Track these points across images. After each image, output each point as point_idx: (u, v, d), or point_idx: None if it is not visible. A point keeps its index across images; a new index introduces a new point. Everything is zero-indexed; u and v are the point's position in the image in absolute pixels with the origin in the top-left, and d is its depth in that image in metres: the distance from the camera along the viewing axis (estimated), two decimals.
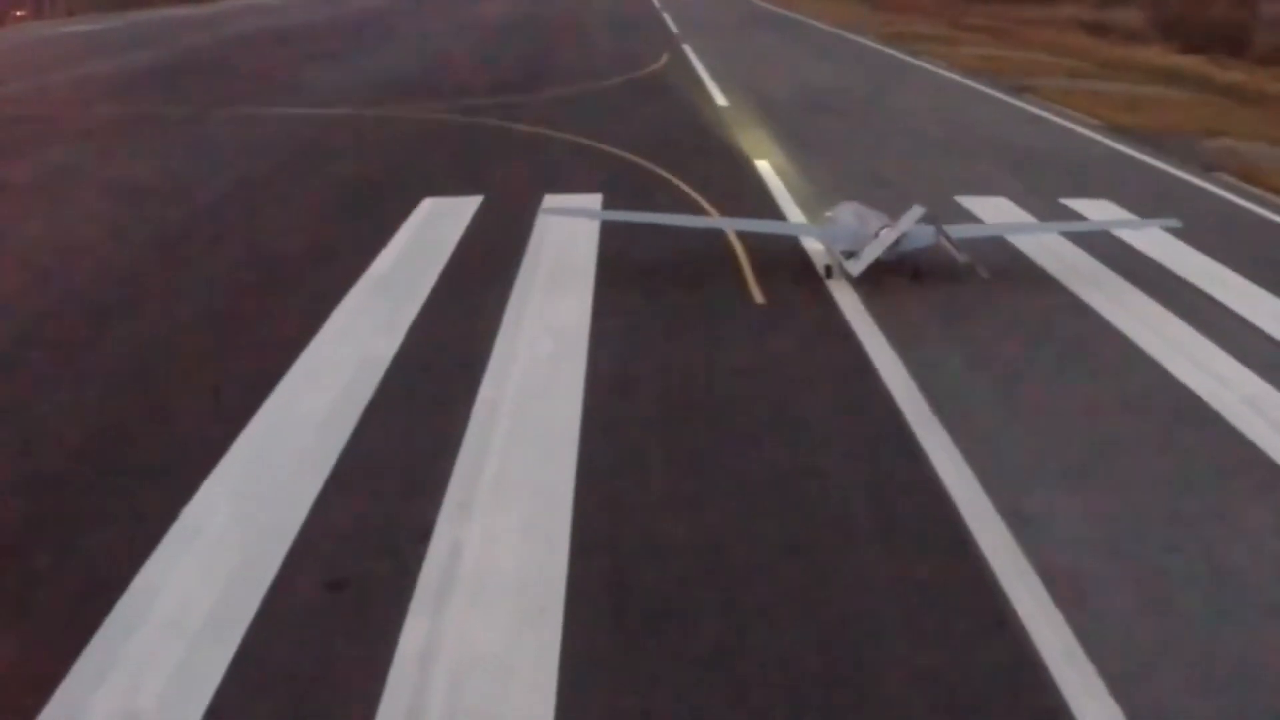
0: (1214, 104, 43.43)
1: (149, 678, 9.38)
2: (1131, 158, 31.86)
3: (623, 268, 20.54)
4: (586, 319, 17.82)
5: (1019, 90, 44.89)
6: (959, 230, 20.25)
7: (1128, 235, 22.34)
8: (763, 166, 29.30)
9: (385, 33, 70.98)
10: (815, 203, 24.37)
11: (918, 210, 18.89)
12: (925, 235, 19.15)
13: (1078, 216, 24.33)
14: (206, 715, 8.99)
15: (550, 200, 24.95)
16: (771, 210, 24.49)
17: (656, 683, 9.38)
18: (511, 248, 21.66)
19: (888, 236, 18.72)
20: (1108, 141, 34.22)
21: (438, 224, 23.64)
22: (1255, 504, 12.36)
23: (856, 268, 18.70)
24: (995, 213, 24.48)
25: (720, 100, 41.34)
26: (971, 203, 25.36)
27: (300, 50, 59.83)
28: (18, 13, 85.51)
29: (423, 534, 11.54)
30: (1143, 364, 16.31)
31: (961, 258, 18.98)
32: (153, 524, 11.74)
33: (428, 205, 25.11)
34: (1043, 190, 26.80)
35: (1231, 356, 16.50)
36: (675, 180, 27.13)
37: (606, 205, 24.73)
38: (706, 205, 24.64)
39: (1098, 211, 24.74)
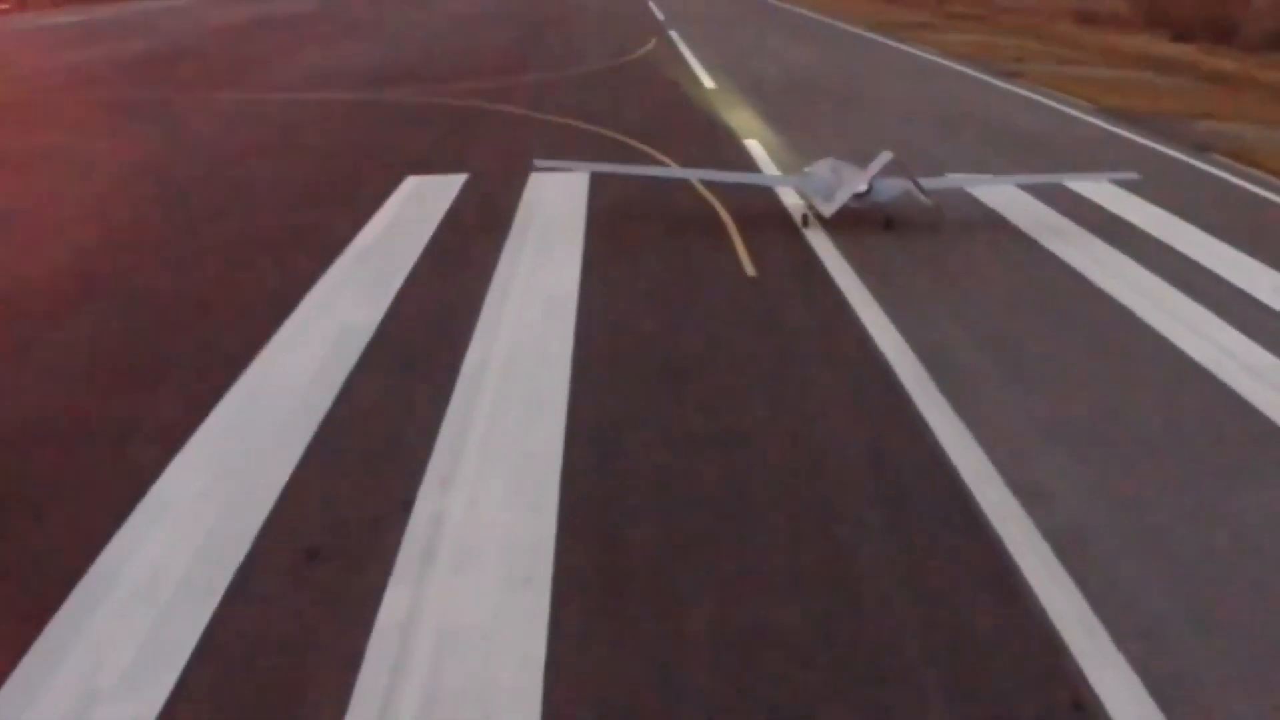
0: (1202, 90, 43.14)
1: (117, 650, 8.94)
2: (1124, 138, 31.53)
3: (612, 231, 20.58)
4: (575, 287, 17.55)
5: (1009, 75, 44.55)
6: (925, 182, 21.21)
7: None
8: (752, 146, 28.83)
9: (370, 23, 70.35)
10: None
11: (886, 156, 20.11)
12: (896, 187, 20.66)
13: (1075, 195, 23.99)
14: (176, 687, 8.56)
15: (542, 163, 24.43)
16: (761, 194, 23.91)
17: (647, 660, 9.00)
18: (497, 222, 21.23)
19: (856, 181, 20.10)
20: (1098, 122, 33.90)
21: (422, 200, 23.17)
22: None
23: (829, 209, 20.03)
24: (992, 194, 24.05)
25: (708, 83, 40.89)
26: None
27: (287, 36, 59.35)
28: (1, 5, 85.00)
29: (405, 503, 11.12)
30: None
31: (928, 201, 20.67)
32: (124, 493, 11.32)
33: (411, 183, 24.60)
34: (1040, 170, 26.37)
35: None
36: (665, 159, 26.67)
37: (597, 178, 24.25)
38: (697, 185, 24.18)
39: (1097, 190, 24.35)
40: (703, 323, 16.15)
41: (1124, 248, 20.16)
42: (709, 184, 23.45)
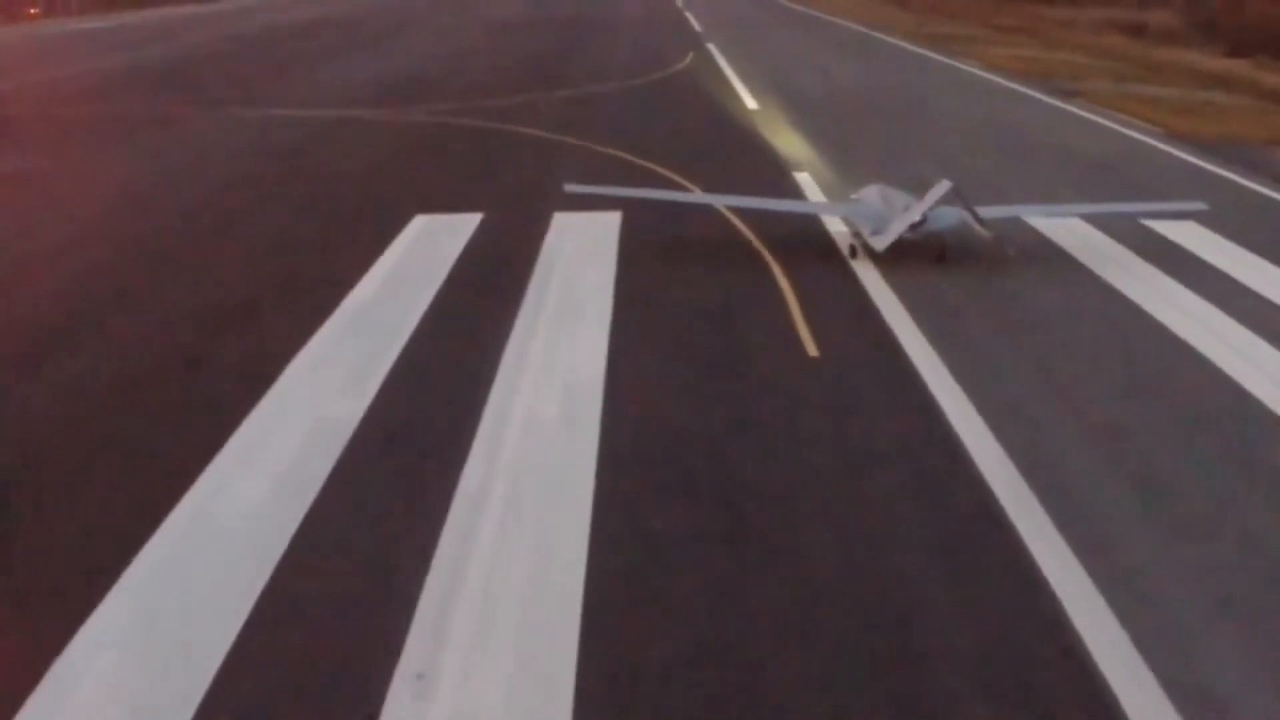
0: (1270, 112, 40.11)
1: None
2: (1199, 168, 28.62)
3: (647, 297, 17.64)
4: (600, 371, 14.70)
5: (1068, 94, 41.64)
6: (981, 211, 19.43)
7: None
8: (803, 180, 26.05)
9: (399, 28, 68.13)
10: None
11: (944, 185, 18.49)
12: (951, 216, 19.07)
13: (1157, 236, 21.43)
14: None
15: (573, 187, 22.19)
16: (815, 236, 21.17)
17: None
18: (513, 277, 18.52)
19: (912, 212, 18.50)
20: (1169, 149, 30.96)
21: (429, 246, 20.53)
22: None
23: (881, 243, 18.55)
24: (1070, 236, 21.33)
25: (750, 102, 38.14)
26: (1040, 224, 22.15)
27: (310, 47, 57.11)
28: (31, 9, 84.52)
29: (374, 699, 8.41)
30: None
31: (986, 234, 18.88)
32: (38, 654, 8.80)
33: (419, 224, 21.98)
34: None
35: None
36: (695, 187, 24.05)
37: (629, 225, 21.60)
38: (743, 228, 21.43)
39: (1184, 233, 21.58)
40: (758, 429, 13.12)
41: (1220, 300, 17.60)
42: (751, 212, 21.44)
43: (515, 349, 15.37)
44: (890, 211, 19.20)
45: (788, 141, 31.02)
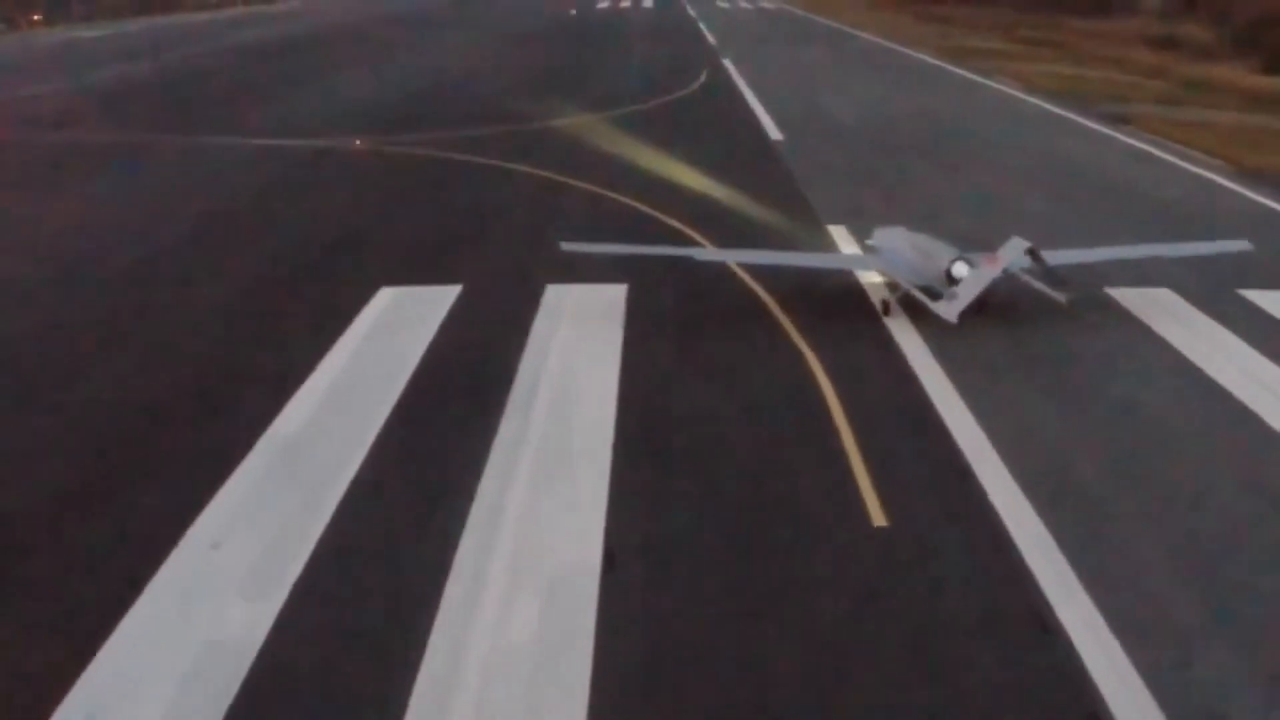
0: None
1: None
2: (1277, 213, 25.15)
3: (656, 434, 13.77)
4: (595, 560, 10.88)
5: (1116, 120, 38.08)
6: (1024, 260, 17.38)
7: None
8: (838, 234, 22.39)
9: (406, 44, 64.84)
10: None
11: (1020, 244, 16.76)
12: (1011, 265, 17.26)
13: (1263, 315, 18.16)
14: None
15: (569, 245, 18.72)
16: (867, 324, 17.64)
17: None
18: (488, 393, 14.81)
19: (988, 274, 16.51)
20: (1246, 192, 27.39)
21: (389, 337, 16.88)
22: None
23: (952, 310, 16.30)
24: (1160, 311, 17.99)
25: (773, 132, 34.50)
26: (1128, 297, 18.74)
27: (304, 63, 53.80)
28: (34, 16, 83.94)
29: None
30: None
31: (1060, 297, 17.00)
32: None
33: (384, 299, 18.48)
34: (1207, 272, 20.14)
35: None
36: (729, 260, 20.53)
37: (634, 302, 18.14)
38: (765, 296, 18.10)
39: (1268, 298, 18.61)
40: (821, 663, 9.45)
41: None
42: (768, 269, 18.98)
43: (479, 527, 11.50)
44: (930, 261, 17.27)
45: (819, 186, 27.12)
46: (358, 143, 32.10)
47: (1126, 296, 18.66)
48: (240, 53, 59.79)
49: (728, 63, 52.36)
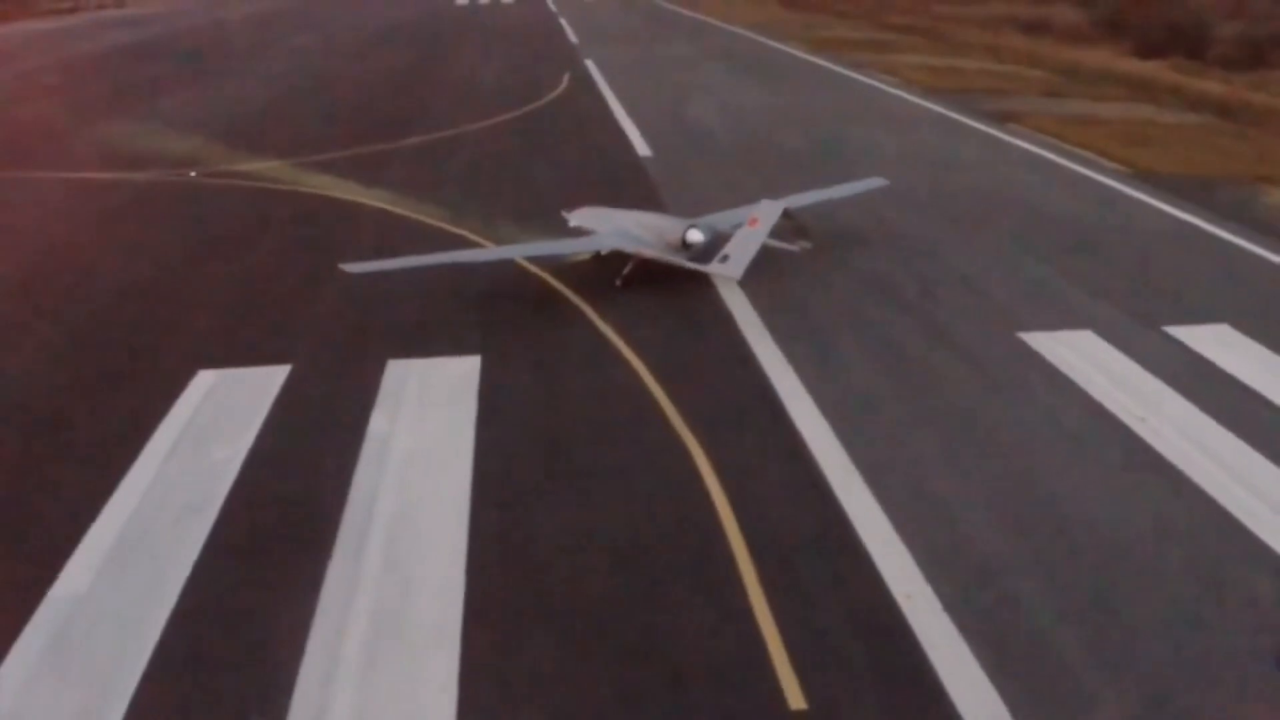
0: (1226, 131, 35.29)
1: None
2: (1197, 229, 23.26)
3: (517, 582, 10.97)
4: None
5: (1000, 118, 36.27)
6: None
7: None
8: (732, 302, 19.55)
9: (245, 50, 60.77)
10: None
11: (775, 205, 19.53)
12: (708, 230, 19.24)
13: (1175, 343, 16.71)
14: None
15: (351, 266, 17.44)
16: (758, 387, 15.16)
17: None
18: (317, 524, 11.91)
19: (755, 233, 18.76)
20: (1153, 201, 25.51)
21: (203, 438, 13.86)
22: None
23: (735, 269, 18.13)
24: (1078, 356, 15.98)
25: (641, 147, 31.69)
26: (1041, 340, 16.58)
27: (155, 72, 49.71)
28: None
29: None
30: None
31: (795, 248, 19.93)
32: None
33: (201, 385, 15.37)
34: (1127, 305, 18.15)
35: None
36: (597, 320, 17.73)
37: (489, 380, 15.32)
38: (641, 368, 15.43)
39: (1218, 345, 16.57)
40: None
41: None
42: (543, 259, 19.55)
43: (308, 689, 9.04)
44: (659, 235, 18.95)
45: (692, 209, 24.09)
46: (193, 174, 28.58)
47: (1039, 339, 16.58)
48: (79, 65, 55.10)
49: (590, 64, 49.47)
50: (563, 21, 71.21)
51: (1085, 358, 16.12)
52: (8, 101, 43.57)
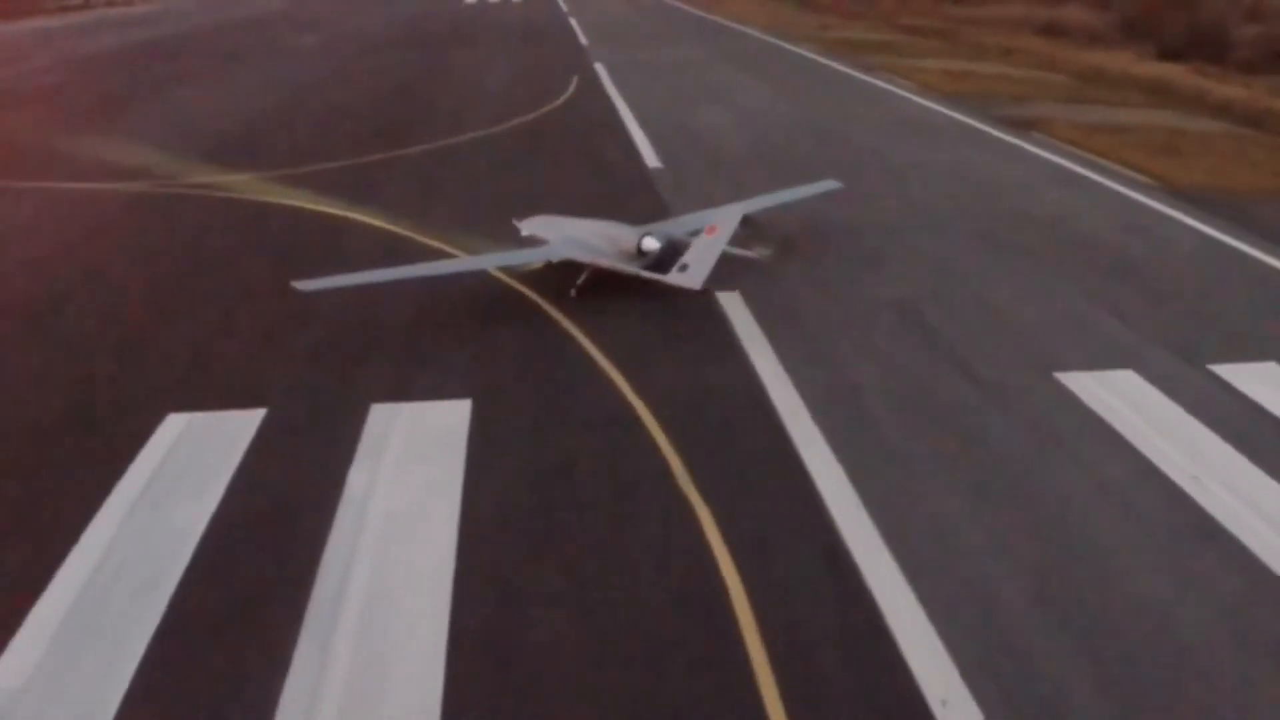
0: (1254, 140, 34.03)
1: None
2: (1235, 251, 21.86)
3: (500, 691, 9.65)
4: None
5: (1023, 126, 34.98)
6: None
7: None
8: (732, 306, 18.43)
9: (237, 52, 59.71)
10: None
11: (736, 210, 19.92)
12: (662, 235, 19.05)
13: (1223, 385, 15.36)
14: None
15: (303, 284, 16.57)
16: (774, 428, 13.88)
17: None
18: (288, 584, 10.75)
19: (714, 241, 18.53)
20: (1186, 219, 24.19)
21: (170, 491, 12.62)
22: None
23: (695, 279, 17.70)
24: (1123, 398, 14.77)
25: (650, 158, 30.43)
26: (1080, 381, 15.29)
27: (153, 74, 48.51)
28: None
29: None
30: None
31: (756, 255, 19.51)
32: None
33: (169, 433, 14.14)
34: (1167, 339, 16.84)
35: None
36: (596, 353, 16.48)
37: (480, 427, 14.08)
38: (641, 409, 14.16)
39: (1268, 386, 15.28)
40: None
41: None
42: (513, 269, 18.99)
43: None
44: (613, 243, 18.50)
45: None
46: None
47: (1077, 379, 15.37)
48: (87, 64, 54.05)
49: (600, 68, 48.24)
50: (573, 22, 69.98)
51: (1128, 403, 14.82)
52: (27, 103, 42.59)
